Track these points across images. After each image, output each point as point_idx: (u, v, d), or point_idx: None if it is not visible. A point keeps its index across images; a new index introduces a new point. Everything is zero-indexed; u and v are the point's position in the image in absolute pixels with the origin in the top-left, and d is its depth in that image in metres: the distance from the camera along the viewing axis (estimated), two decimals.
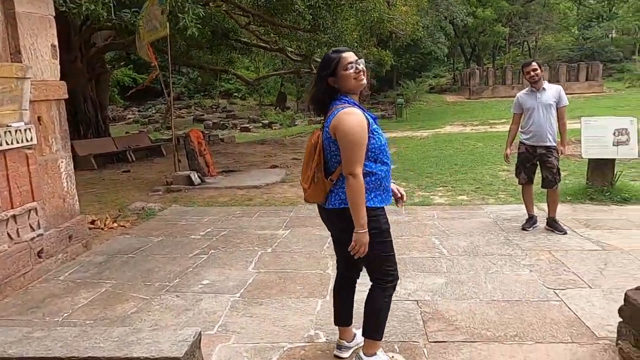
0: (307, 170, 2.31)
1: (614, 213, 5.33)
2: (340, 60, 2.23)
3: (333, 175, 2.26)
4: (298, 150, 14.22)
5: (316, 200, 2.34)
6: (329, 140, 2.23)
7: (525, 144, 4.75)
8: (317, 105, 2.35)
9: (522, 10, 34.21)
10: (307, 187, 2.32)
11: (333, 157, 2.25)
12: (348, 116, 2.15)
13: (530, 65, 4.61)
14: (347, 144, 2.14)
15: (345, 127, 2.14)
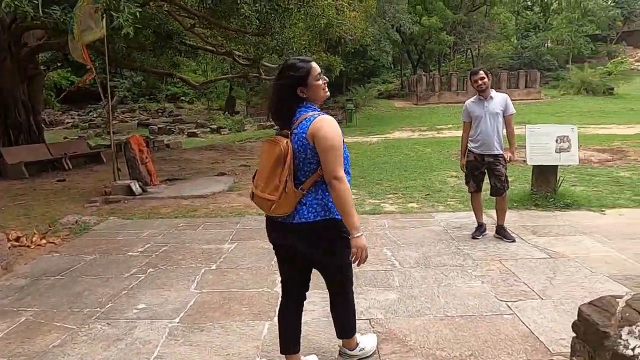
0: (274, 179, 2.15)
1: (558, 219, 5.43)
2: (311, 70, 2.20)
3: (305, 184, 2.18)
4: (247, 156, 13.90)
5: (285, 211, 2.18)
6: (305, 147, 2.15)
7: (474, 152, 4.73)
8: (282, 114, 2.23)
9: (466, 20, 35.45)
10: (276, 198, 2.14)
11: (306, 166, 2.18)
12: (327, 122, 2.15)
13: (478, 74, 4.60)
14: (330, 149, 2.11)
15: (327, 133, 2.12)
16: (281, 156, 2.12)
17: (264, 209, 2.22)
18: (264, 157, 2.21)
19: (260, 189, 2.20)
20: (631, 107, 23.20)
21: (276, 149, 2.14)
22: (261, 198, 2.19)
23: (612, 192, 6.61)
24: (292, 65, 2.20)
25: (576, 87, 29.10)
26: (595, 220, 5.33)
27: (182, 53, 14.16)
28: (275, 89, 2.23)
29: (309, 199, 2.18)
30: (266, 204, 2.18)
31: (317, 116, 2.16)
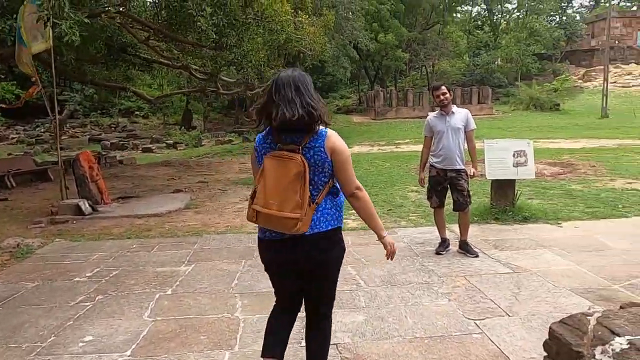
0: (293, 197, 2.06)
1: (518, 232, 5.50)
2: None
3: (319, 197, 2.16)
4: (205, 172, 13.54)
5: (307, 228, 2.11)
6: (324, 161, 2.13)
7: (436, 167, 4.72)
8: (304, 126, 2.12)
9: (420, 38, 36.48)
10: (301, 215, 2.06)
11: (320, 180, 2.16)
12: (338, 136, 2.19)
13: (440, 89, 4.61)
14: (347, 160, 2.19)
15: (342, 145, 2.18)
16: (300, 172, 2.06)
17: (283, 228, 2.11)
18: (273, 173, 2.10)
19: (276, 208, 2.08)
20: (576, 122, 24.39)
21: (291, 165, 2.07)
22: (280, 218, 2.08)
23: (567, 204, 6.79)
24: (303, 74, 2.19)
25: (525, 103, 30.37)
26: (552, 233, 5.43)
27: (136, 66, 13.73)
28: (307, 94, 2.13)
29: (321, 210, 2.17)
30: (288, 223, 2.07)
31: (326, 130, 2.17)
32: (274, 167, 2.09)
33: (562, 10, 38.75)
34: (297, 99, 2.09)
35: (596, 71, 36.96)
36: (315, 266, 2.22)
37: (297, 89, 2.11)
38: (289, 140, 2.11)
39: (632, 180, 8.44)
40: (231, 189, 9.92)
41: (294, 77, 2.14)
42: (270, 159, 2.12)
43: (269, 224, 2.14)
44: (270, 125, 2.16)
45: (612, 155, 12.48)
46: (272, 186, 2.09)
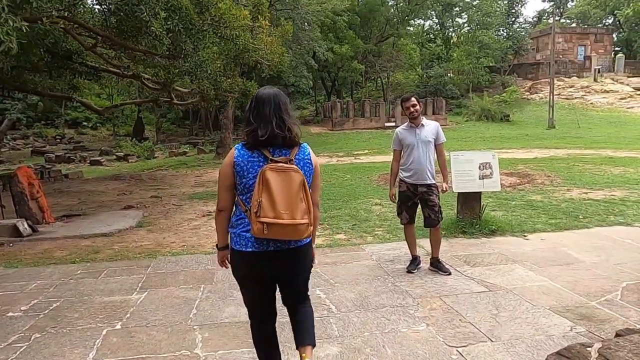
0: (300, 205, 2.18)
1: (486, 246, 5.39)
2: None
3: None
4: (158, 186, 12.92)
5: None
6: (311, 171, 2.32)
7: (406, 182, 4.52)
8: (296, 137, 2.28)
9: (376, 50, 36.98)
10: (311, 220, 2.23)
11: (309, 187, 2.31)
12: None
13: (410, 101, 4.43)
14: (319, 175, 2.41)
15: (317, 160, 2.40)
16: (302, 181, 2.20)
17: (296, 235, 2.20)
18: (279, 185, 2.15)
19: (288, 217, 2.15)
20: (526, 133, 25.29)
21: (294, 175, 2.18)
22: (294, 225, 2.16)
23: (530, 216, 6.80)
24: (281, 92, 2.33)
25: (477, 114, 31.28)
26: (521, 247, 5.36)
27: (83, 75, 12.95)
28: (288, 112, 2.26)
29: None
30: (301, 229, 2.19)
31: (305, 144, 2.34)
32: (278, 179, 2.15)
33: (509, 25, 40.36)
34: (278, 116, 2.21)
35: (542, 84, 38.66)
36: (303, 269, 2.40)
37: (277, 107, 2.23)
38: (279, 154, 2.21)
39: (587, 190, 8.64)
40: (187, 204, 9.44)
41: (274, 95, 2.27)
42: (271, 172, 2.15)
43: (282, 234, 2.17)
44: (254, 141, 2.21)
45: (564, 165, 12.86)
46: (281, 197, 2.14)
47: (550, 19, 55.58)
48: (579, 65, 40.56)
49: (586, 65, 40.32)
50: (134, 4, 7.18)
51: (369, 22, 36.81)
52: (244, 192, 2.25)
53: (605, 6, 49.93)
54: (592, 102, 35.11)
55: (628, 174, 10.52)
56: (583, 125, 27.37)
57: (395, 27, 38.42)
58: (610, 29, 46.00)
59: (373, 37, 38.12)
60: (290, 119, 2.25)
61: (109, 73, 13.03)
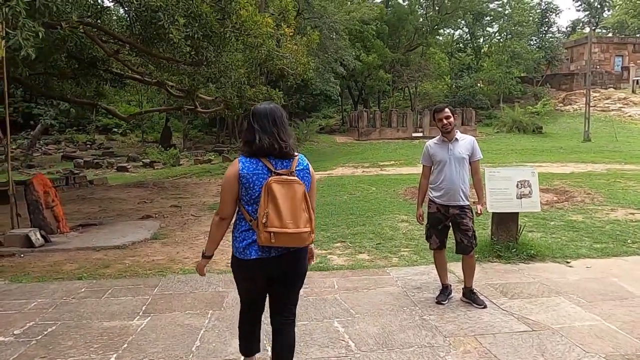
0: (303, 214, 2.35)
1: (525, 274, 4.87)
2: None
3: None
4: (180, 195, 12.74)
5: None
6: (310, 181, 2.49)
7: (436, 202, 4.07)
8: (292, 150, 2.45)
9: (404, 59, 36.48)
10: (313, 228, 2.40)
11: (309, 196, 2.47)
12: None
13: (443, 112, 3.99)
14: (315, 185, 2.59)
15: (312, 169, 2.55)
16: (304, 192, 2.37)
17: (300, 242, 2.37)
18: (284, 196, 2.31)
19: (293, 226, 2.31)
20: (560, 146, 24.28)
21: (297, 187, 2.35)
22: (299, 234, 2.33)
23: (571, 239, 6.22)
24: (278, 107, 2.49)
25: (508, 125, 30.33)
26: (564, 275, 4.81)
27: (108, 82, 12.95)
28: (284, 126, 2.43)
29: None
30: (304, 237, 2.36)
31: (302, 155, 2.50)
32: (283, 190, 2.30)
33: (543, 35, 39.26)
34: (275, 129, 2.38)
35: (576, 95, 37.37)
36: (300, 274, 2.55)
37: (273, 120, 2.40)
38: (281, 166, 2.37)
39: (633, 210, 7.95)
40: (205, 216, 9.15)
41: (271, 109, 2.44)
42: (276, 184, 2.31)
43: (288, 242, 2.34)
44: (253, 153, 2.39)
45: (604, 181, 12.08)
46: (287, 208, 2.30)
47: (585, 29, 54.11)
48: (616, 76, 39.08)
49: (624, 76, 38.81)
50: (153, 10, 6.97)
51: (397, 31, 36.39)
52: (250, 203, 2.40)
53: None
54: (630, 114, 33.66)
55: None
56: (621, 139, 26.15)
57: (424, 36, 37.88)
58: None
59: (401, 46, 37.69)
60: (286, 132, 2.42)
61: (134, 80, 13.01)
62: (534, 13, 38.94)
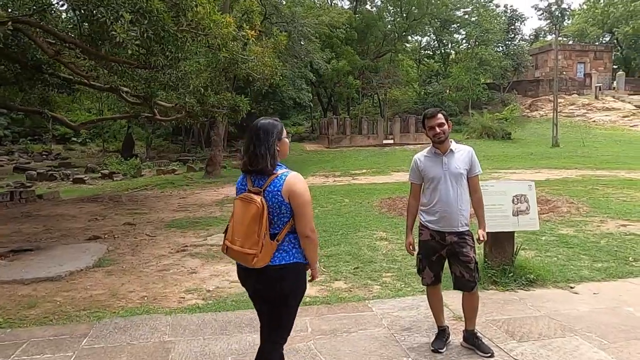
0: (252, 235, 2.33)
1: (528, 305, 4.20)
2: (283, 127, 2.52)
3: (279, 235, 2.39)
4: (136, 210, 11.69)
5: (265, 262, 2.36)
6: (280, 203, 2.38)
7: (430, 228, 3.34)
8: (266, 168, 2.40)
9: (373, 65, 36.18)
10: (257, 252, 2.33)
11: (280, 220, 2.41)
12: (300, 179, 2.43)
13: (435, 118, 3.28)
14: (304, 204, 2.40)
15: (301, 190, 2.40)
16: (257, 214, 2.32)
17: (245, 262, 2.38)
18: (239, 213, 2.39)
19: (239, 244, 2.37)
20: (530, 152, 24.26)
21: (251, 207, 2.34)
22: (242, 253, 2.35)
23: (569, 257, 5.63)
24: (270, 122, 2.46)
25: (478, 131, 30.29)
26: (573, 306, 4.17)
27: (55, 87, 11.82)
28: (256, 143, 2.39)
29: (282, 246, 2.40)
30: (248, 258, 2.34)
31: (287, 174, 2.42)
32: (240, 207, 2.40)
33: (509, 42, 39.72)
34: (253, 146, 2.40)
35: (542, 101, 37.90)
36: (276, 294, 2.43)
37: (257, 136, 2.41)
38: (257, 183, 2.42)
39: (624, 222, 7.49)
40: (162, 235, 8.22)
41: (256, 126, 2.45)
42: (238, 200, 2.44)
43: (235, 258, 2.45)
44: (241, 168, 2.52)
45: (582, 188, 11.76)
46: (237, 225, 2.39)
47: (547, 37, 55.39)
48: (579, 82, 39.88)
49: (586, 82, 39.64)
50: (94, 4, 6.07)
51: (366, 37, 36.09)
52: None
53: (603, 24, 49.66)
54: (594, 120, 34.30)
55: None
56: (588, 144, 26.42)
57: (393, 42, 37.75)
58: (610, 47, 45.52)
59: (370, 52, 37.41)
60: (265, 148, 2.38)
61: (84, 85, 11.92)
62: (500, 21, 39.38)
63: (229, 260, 6.27)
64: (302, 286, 2.50)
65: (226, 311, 4.24)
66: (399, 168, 19.55)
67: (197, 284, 5.27)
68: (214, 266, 6.02)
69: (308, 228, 2.40)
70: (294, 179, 2.39)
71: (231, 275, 5.56)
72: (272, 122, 2.45)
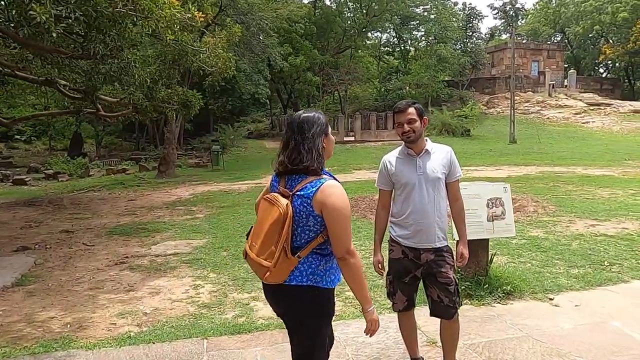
0: (270, 244, 1.99)
1: (507, 323, 3.75)
2: (328, 123, 2.15)
3: (302, 252, 2.02)
4: (79, 214, 10.69)
5: (278, 280, 2.01)
6: (309, 214, 1.99)
7: (402, 244, 2.80)
8: (312, 167, 2.01)
9: (333, 61, 35.72)
10: (271, 266, 1.97)
11: (304, 232, 2.03)
12: (338, 189, 2.02)
13: (405, 113, 2.73)
14: (338, 220, 1.98)
15: (338, 202, 1.99)
16: (279, 221, 1.97)
17: (258, 274, 2.08)
18: (262, 215, 2.08)
19: (255, 252, 2.05)
20: (489, 148, 24.47)
21: (274, 211, 1.99)
22: (256, 263, 2.03)
23: (543, 263, 5.26)
24: (315, 116, 2.10)
25: (438, 128, 30.42)
26: (555, 322, 3.75)
27: None
28: (309, 139, 2.02)
29: (303, 264, 2.03)
30: (261, 270, 2.03)
31: (325, 181, 2.01)
32: (263, 209, 2.08)
33: (467, 40, 40.18)
34: (294, 141, 2.04)
35: (498, 98, 38.58)
36: (293, 318, 2.14)
37: (300, 130, 2.05)
38: (289, 185, 2.06)
39: (591, 221, 7.26)
40: (102, 244, 7.39)
41: (296, 119, 2.09)
42: (263, 200, 2.11)
43: (251, 266, 2.12)
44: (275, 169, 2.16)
45: (544, 185, 11.67)
46: (258, 228, 2.07)
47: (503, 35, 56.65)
48: (534, 80, 40.88)
49: (540, 80, 40.66)
50: None
51: (326, 33, 35.58)
52: None
53: (555, 24, 51.21)
54: (548, 116, 35.19)
55: (621, 198, 9.36)
56: (543, 140, 26.96)
57: (353, 38, 37.42)
58: (562, 46, 46.97)
59: (330, 48, 36.94)
60: (310, 145, 2.03)
61: (15, 78, 10.80)
62: (458, 18, 39.79)
63: (174, 274, 5.59)
64: (323, 310, 2.10)
65: (162, 342, 3.57)
66: (361, 166, 19.16)
67: (133, 305, 4.56)
68: (155, 281, 5.30)
69: (343, 248, 1.99)
70: (331, 188, 1.99)
71: (174, 292, 4.89)
72: (317, 115, 2.11)
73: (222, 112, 34.36)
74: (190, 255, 6.28)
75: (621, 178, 12.84)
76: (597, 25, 43.01)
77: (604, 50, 42.22)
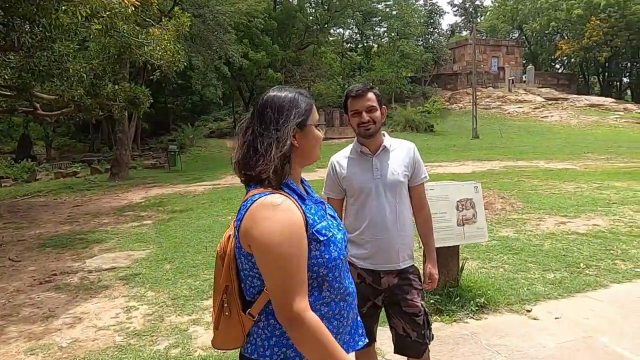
0: (217, 293, 1.42)
1: (483, 343, 3.27)
2: (313, 109, 1.43)
3: (253, 308, 1.35)
4: (15, 222, 9.72)
5: (230, 346, 1.42)
6: (239, 250, 1.35)
7: (358, 266, 2.24)
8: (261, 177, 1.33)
9: (295, 57, 35.06)
10: (217, 323, 1.40)
11: (248, 279, 1.37)
12: (272, 213, 1.27)
13: (363, 99, 2.18)
14: (271, 261, 1.27)
15: (267, 235, 1.25)
16: (220, 258, 1.43)
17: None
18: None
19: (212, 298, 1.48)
20: (453, 144, 24.43)
21: (220, 245, 1.44)
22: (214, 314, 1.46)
23: (516, 268, 4.84)
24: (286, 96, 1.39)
25: (402, 124, 30.30)
26: (537, 340, 3.30)
27: None
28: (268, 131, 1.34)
29: (264, 329, 1.36)
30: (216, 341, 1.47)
31: (259, 197, 1.30)
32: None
33: (429, 36, 40.31)
34: (249, 134, 1.38)
35: (460, 94, 38.88)
36: None
37: (260, 117, 1.38)
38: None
39: (560, 218, 6.95)
40: (31, 258, 6.56)
41: (266, 98, 1.40)
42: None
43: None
44: None
45: (509, 180, 11.43)
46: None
47: (463, 32, 57.40)
48: (494, 76, 41.45)
49: (500, 76, 41.26)
50: None
51: (287, 28, 34.87)
52: None
53: (513, 21, 52.19)
54: (509, 111, 35.67)
55: (587, 192, 9.16)
56: (505, 135, 27.17)
57: (315, 34, 36.86)
58: (520, 42, 47.87)
59: (292, 44, 36.24)
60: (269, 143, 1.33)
61: None
62: (420, 14, 39.82)
63: (105, 294, 4.87)
64: None
65: None
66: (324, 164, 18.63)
67: (49, 337, 3.84)
68: (82, 304, 4.58)
69: (284, 310, 1.26)
70: (264, 210, 1.28)
71: (101, 317, 4.19)
72: (292, 95, 1.40)
73: (182, 110, 33.22)
74: (128, 270, 5.57)
75: (583, 171, 12.79)
76: (553, 22, 44.00)
77: (560, 46, 43.26)
